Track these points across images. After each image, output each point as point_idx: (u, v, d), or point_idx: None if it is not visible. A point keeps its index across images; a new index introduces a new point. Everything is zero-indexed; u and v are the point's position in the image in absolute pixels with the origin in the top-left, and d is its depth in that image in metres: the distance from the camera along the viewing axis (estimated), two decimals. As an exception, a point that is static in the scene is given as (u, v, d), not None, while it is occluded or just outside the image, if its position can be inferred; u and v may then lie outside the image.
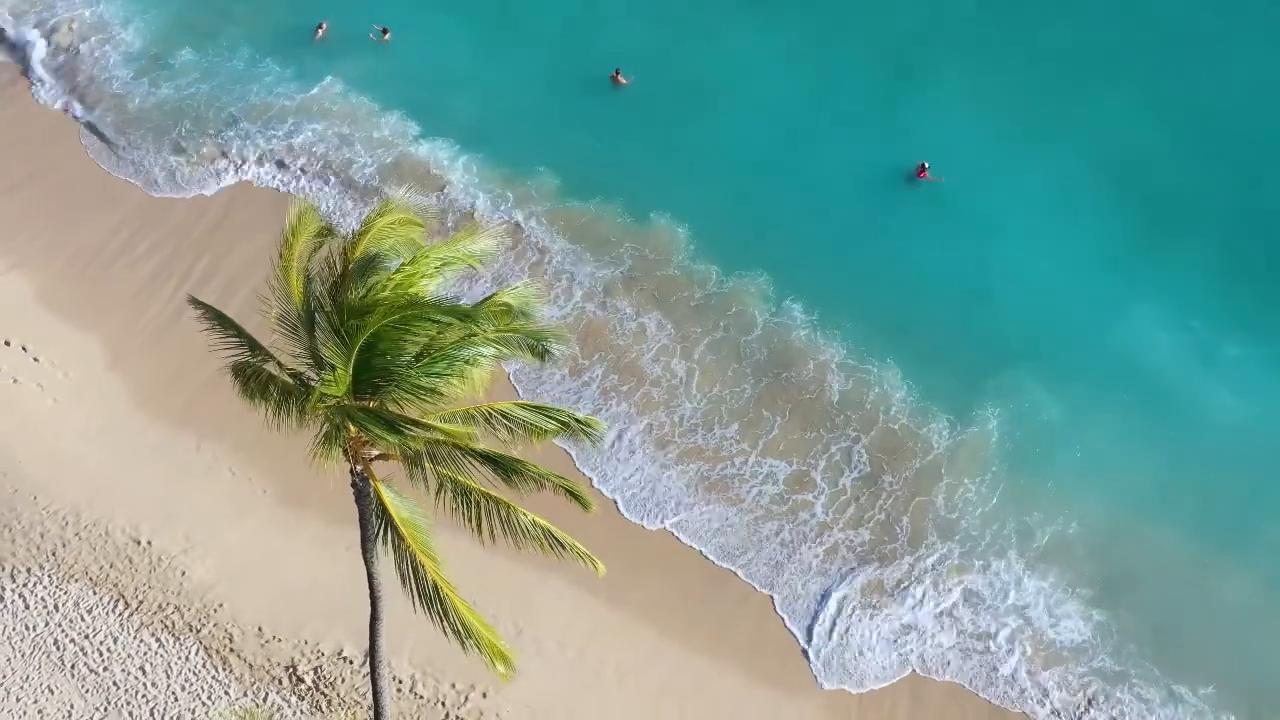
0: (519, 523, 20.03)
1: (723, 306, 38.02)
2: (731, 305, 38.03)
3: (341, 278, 19.15)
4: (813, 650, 31.24)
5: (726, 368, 36.67)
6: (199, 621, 30.79)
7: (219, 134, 42.78)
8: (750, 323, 37.60)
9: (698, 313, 37.93)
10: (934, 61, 44.53)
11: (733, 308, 37.98)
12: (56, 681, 29.44)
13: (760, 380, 36.32)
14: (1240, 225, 39.68)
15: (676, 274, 38.91)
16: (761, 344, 37.11)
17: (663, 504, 33.65)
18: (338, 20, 46.41)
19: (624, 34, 45.71)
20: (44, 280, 38.37)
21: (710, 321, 37.68)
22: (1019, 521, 33.40)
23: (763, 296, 38.15)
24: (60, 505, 32.64)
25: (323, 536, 32.66)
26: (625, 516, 33.43)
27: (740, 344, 37.20)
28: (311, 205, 20.45)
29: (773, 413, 35.62)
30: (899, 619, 31.64)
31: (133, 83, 44.54)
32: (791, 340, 37.11)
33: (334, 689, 29.78)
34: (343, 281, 19.13)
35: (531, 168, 41.63)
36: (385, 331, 18.35)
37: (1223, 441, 34.78)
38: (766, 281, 38.46)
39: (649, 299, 38.32)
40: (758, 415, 35.60)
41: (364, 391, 19.37)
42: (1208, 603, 31.92)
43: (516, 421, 19.48)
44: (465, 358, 18.62)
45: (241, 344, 20.69)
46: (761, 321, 37.57)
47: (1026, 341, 37.02)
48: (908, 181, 40.77)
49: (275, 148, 42.28)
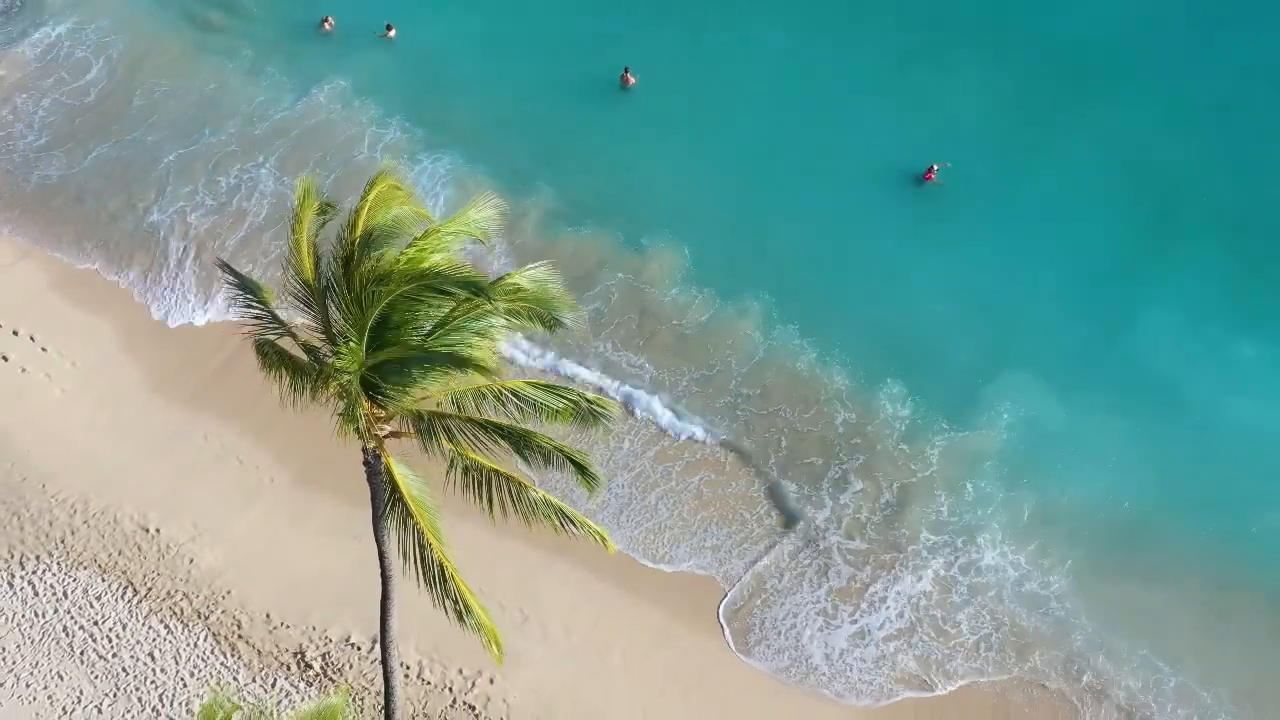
0: (530, 499, 20.19)
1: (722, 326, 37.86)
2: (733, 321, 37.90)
3: (352, 250, 19.36)
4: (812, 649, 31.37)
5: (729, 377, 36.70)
6: (207, 608, 30.93)
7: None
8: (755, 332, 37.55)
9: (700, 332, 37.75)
10: (941, 63, 44.47)
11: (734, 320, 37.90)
12: (66, 668, 29.57)
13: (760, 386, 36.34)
14: (1248, 225, 39.60)
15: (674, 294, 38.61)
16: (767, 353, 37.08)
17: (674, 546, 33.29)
18: (342, 16, 46.59)
19: (630, 35, 45.72)
20: (53, 270, 38.62)
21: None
22: (1040, 528, 33.22)
23: (765, 303, 37.99)
24: (68, 493, 32.80)
25: (331, 525, 32.82)
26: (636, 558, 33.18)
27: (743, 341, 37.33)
28: (313, 180, 20.61)
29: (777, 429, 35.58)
30: (896, 624, 31.62)
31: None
32: (795, 353, 36.99)
33: (342, 675, 29.92)
34: (354, 254, 19.34)
35: (532, 177, 41.32)
36: (400, 302, 18.54)
37: (1236, 443, 34.71)
38: (770, 284, 38.39)
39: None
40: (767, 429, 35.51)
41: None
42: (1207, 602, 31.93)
43: (527, 400, 19.58)
44: (476, 329, 18.78)
45: (263, 316, 20.84)
46: (765, 326, 37.60)
47: (1040, 344, 36.95)
48: (915, 184, 40.84)
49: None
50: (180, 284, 38.49)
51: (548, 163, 41.60)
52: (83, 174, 41.90)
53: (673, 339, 37.36)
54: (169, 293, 38.35)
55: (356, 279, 19.20)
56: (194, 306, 38.01)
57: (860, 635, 31.41)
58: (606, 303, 38.08)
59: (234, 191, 41.12)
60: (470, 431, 19.49)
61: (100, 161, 42.27)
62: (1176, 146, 41.37)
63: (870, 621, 31.57)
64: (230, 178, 41.52)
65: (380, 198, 19.78)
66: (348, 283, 19.20)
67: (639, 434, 35.14)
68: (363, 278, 18.88)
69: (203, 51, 46.04)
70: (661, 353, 37.06)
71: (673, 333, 37.51)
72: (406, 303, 18.64)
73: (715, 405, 35.85)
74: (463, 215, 19.83)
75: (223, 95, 44.30)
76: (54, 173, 41.95)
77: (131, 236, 39.99)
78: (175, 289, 38.38)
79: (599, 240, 39.66)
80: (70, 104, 44.15)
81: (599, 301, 38.06)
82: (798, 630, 31.55)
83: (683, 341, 37.33)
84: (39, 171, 41.94)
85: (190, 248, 39.46)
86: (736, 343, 37.14)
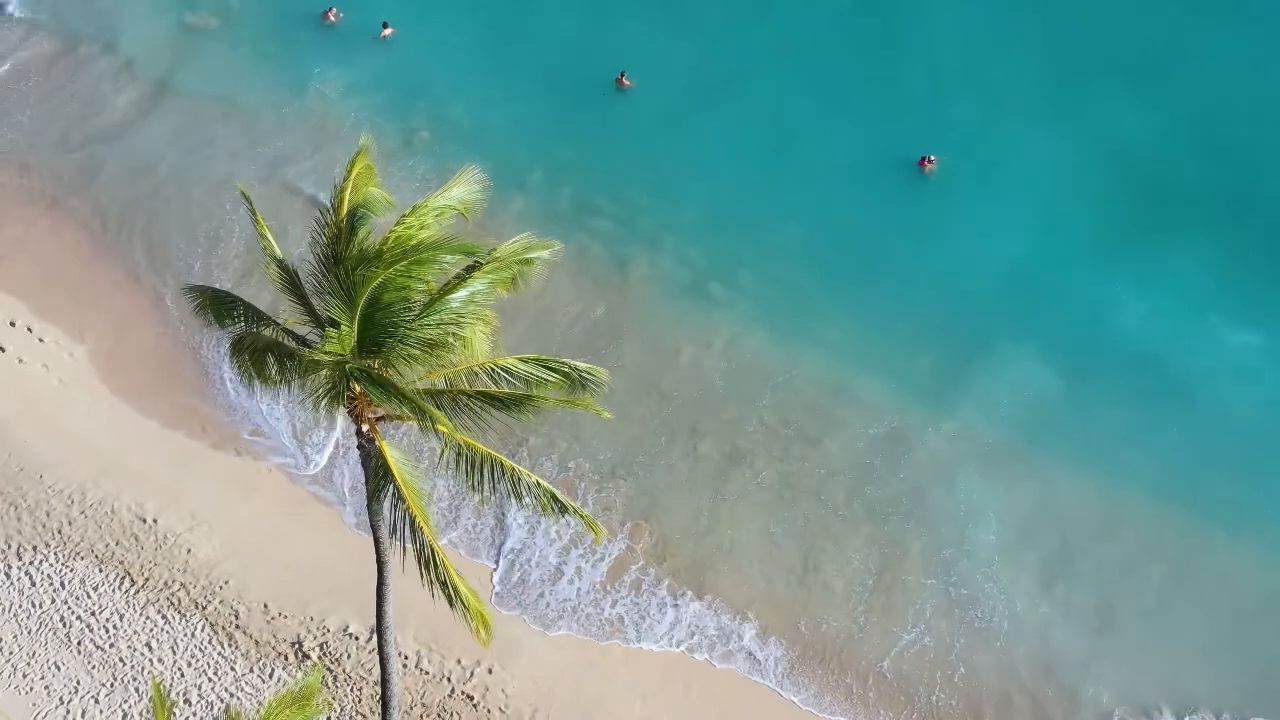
0: (523, 483, 20.03)
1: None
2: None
3: (338, 233, 19.19)
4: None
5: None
6: (205, 598, 30.80)
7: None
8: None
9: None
10: (934, 55, 44.53)
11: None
12: (63, 658, 29.45)
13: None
14: (1241, 212, 39.48)
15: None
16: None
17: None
18: (346, 11, 46.49)
19: (629, 36, 45.64)
20: (50, 261, 38.54)
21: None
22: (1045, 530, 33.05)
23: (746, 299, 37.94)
24: (66, 484, 32.70)
25: (328, 515, 32.82)
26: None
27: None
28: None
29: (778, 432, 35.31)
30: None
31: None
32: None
33: (340, 665, 29.76)
34: (340, 237, 19.17)
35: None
36: (393, 279, 18.37)
37: (1232, 432, 34.62)
38: (762, 280, 38.34)
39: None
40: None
41: (368, 349, 19.37)
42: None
43: (519, 376, 19.53)
44: (462, 298, 18.67)
45: (240, 316, 20.68)
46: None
47: (1035, 328, 36.97)
48: (913, 174, 40.68)
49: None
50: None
51: (544, 163, 41.50)
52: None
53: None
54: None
55: (348, 262, 19.02)
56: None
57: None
58: (596, 306, 37.93)
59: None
60: (465, 404, 19.33)
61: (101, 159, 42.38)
62: (1168, 135, 41.33)
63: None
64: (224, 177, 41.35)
65: (362, 176, 19.66)
66: (336, 263, 19.02)
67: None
68: (351, 260, 18.69)
69: (200, 43, 46.13)
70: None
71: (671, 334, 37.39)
72: (400, 278, 18.45)
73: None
74: (446, 191, 19.71)
75: (222, 93, 44.31)
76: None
77: (131, 233, 39.93)
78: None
79: (597, 240, 39.48)
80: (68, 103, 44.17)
81: (587, 300, 37.90)
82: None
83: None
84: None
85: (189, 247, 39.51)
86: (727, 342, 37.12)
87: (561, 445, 34.09)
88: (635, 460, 34.10)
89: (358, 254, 18.76)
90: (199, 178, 41.32)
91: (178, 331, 36.66)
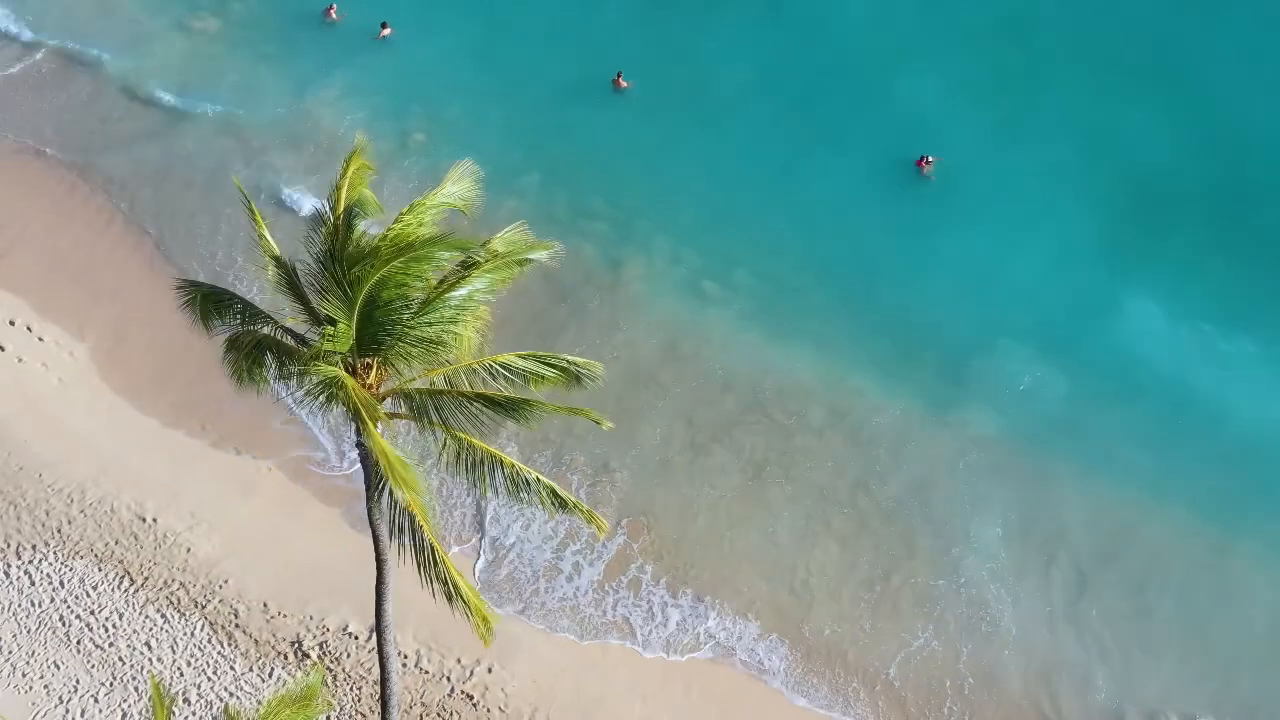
0: (523, 479, 20.01)
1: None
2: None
3: (335, 231, 19.18)
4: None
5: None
6: (204, 597, 30.77)
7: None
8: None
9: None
10: (933, 55, 44.55)
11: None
12: (62, 657, 29.42)
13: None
14: (1242, 212, 39.59)
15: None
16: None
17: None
18: (347, 10, 46.44)
19: (628, 36, 45.68)
20: (50, 259, 38.50)
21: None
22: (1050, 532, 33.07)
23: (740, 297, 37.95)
24: (65, 482, 32.66)
25: (328, 514, 32.81)
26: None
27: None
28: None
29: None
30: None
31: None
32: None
33: (339, 664, 29.73)
34: (337, 234, 19.15)
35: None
36: (391, 275, 18.34)
37: (1233, 432, 34.69)
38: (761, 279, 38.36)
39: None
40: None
41: (366, 348, 19.35)
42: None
43: (516, 371, 19.54)
44: (462, 296, 18.65)
45: (238, 314, 20.65)
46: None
47: (1035, 328, 37.08)
48: (911, 174, 40.65)
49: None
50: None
51: (540, 164, 41.40)
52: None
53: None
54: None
55: (345, 260, 18.99)
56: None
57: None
58: (592, 303, 37.88)
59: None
60: (465, 405, 19.31)
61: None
62: (1167, 136, 41.44)
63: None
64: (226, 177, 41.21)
65: (357, 174, 19.66)
66: (333, 261, 18.99)
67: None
68: (349, 257, 18.67)
69: (200, 43, 46.04)
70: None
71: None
72: (398, 274, 18.41)
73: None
74: (441, 188, 19.72)
75: (221, 94, 44.23)
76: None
77: (131, 233, 39.91)
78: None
79: (593, 239, 39.43)
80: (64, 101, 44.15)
81: (582, 298, 37.85)
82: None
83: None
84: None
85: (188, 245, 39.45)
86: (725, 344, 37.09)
87: (556, 440, 34.07)
88: (630, 455, 34.04)
89: (355, 251, 18.74)
90: (199, 177, 41.26)
91: (178, 330, 36.62)
